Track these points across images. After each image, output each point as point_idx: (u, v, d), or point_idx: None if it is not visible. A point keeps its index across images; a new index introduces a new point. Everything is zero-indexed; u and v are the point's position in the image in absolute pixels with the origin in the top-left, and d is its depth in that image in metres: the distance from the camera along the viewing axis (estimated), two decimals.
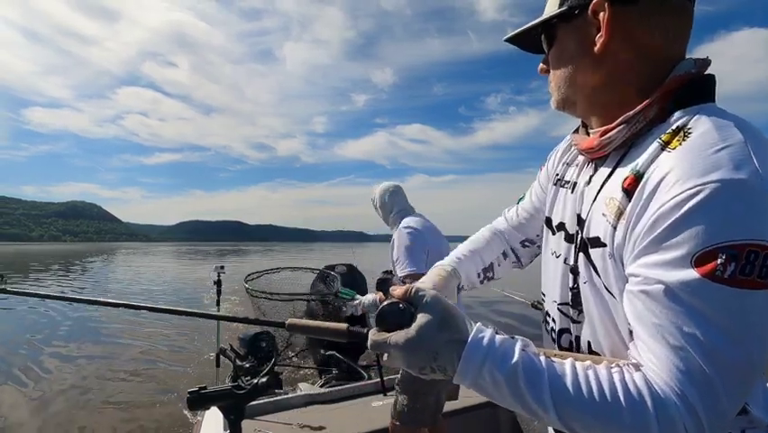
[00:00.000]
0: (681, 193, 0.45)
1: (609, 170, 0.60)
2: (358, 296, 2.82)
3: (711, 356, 0.42)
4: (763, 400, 0.56)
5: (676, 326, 0.44)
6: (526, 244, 0.92)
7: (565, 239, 0.69)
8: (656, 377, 0.45)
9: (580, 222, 0.64)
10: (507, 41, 0.71)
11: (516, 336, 0.52)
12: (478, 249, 0.92)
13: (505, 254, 0.94)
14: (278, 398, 2.43)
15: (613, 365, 0.49)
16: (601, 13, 0.57)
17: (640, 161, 0.54)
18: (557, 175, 0.75)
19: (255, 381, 0.93)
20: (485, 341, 0.50)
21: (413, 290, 0.55)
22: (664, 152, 0.51)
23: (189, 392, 0.90)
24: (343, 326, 0.68)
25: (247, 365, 1.02)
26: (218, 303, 2.93)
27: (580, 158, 0.70)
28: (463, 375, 0.50)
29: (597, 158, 0.64)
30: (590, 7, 0.57)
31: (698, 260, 0.43)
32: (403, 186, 2.39)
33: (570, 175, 0.71)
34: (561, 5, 0.61)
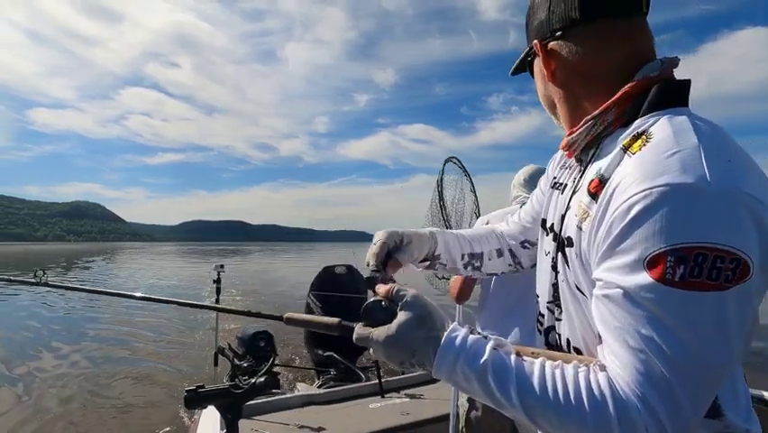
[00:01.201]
0: (630, 197, 0.46)
1: (583, 170, 0.64)
2: None
3: (669, 359, 0.43)
4: (742, 405, 0.56)
5: (635, 328, 0.45)
6: (526, 245, 0.93)
7: (552, 238, 0.71)
8: (619, 378, 0.46)
9: (562, 221, 0.67)
10: (512, 74, 0.81)
11: (490, 336, 0.54)
12: (468, 236, 0.95)
13: (499, 252, 0.95)
14: (276, 398, 2.42)
15: (581, 365, 0.50)
16: (540, 53, 0.66)
17: (604, 164, 0.56)
18: (554, 178, 0.78)
19: (253, 380, 0.93)
20: (458, 340, 0.53)
21: (395, 289, 0.59)
22: (626, 157, 0.53)
23: (187, 391, 0.89)
24: (336, 320, 0.72)
25: (245, 365, 1.02)
26: (217, 301, 2.94)
27: (573, 161, 0.73)
28: (438, 370, 0.53)
29: (578, 159, 0.69)
30: (533, 48, 0.68)
31: (649, 263, 0.44)
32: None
33: (563, 177, 0.74)
34: (528, 44, 0.72)
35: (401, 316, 0.56)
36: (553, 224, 0.72)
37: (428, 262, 0.89)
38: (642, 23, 0.62)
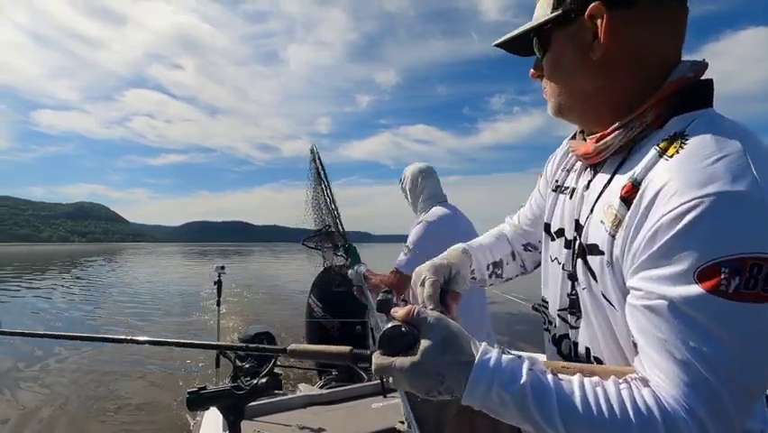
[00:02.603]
0: (679, 206, 0.44)
1: (608, 176, 0.59)
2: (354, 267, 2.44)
3: (718, 370, 0.42)
4: (758, 407, 0.55)
5: (682, 341, 0.44)
6: (529, 248, 0.93)
7: (564, 245, 0.68)
8: (664, 392, 0.45)
9: (579, 228, 0.63)
10: (497, 45, 0.70)
11: (523, 355, 0.51)
12: (488, 244, 0.92)
13: (513, 255, 0.94)
14: (278, 399, 2.42)
15: (621, 381, 0.48)
16: (599, 19, 0.55)
17: (638, 168, 0.53)
18: (556, 181, 0.75)
19: (255, 381, 0.93)
20: (492, 362, 0.49)
21: (415, 311, 0.54)
22: (662, 160, 0.50)
23: (188, 393, 0.89)
24: (346, 349, 0.67)
25: (247, 366, 1.02)
26: (218, 303, 2.93)
27: (579, 163, 0.70)
28: (471, 397, 0.49)
29: (594, 163, 0.64)
30: (587, 12, 0.56)
31: (701, 274, 0.43)
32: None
33: (569, 181, 0.70)
34: (554, 9, 0.60)
35: (425, 342, 0.52)
36: (562, 229, 0.70)
37: (470, 279, 0.84)
38: (686, 17, 0.57)
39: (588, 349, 0.64)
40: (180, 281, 17.05)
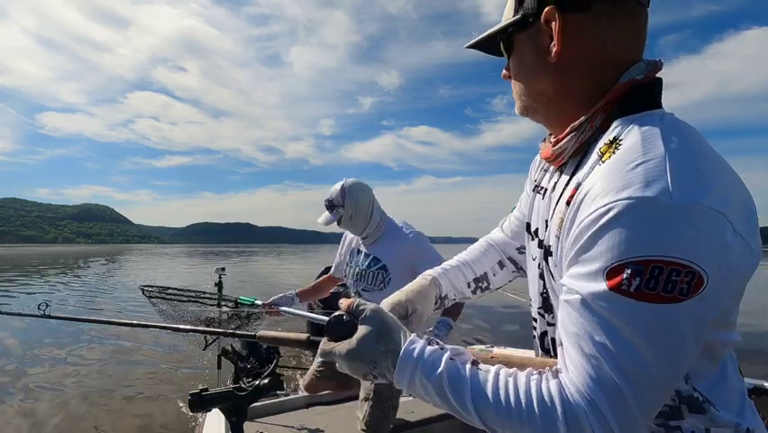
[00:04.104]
0: (597, 209, 0.47)
1: (568, 177, 0.60)
2: (258, 301, 2.32)
3: (620, 366, 0.45)
4: (735, 399, 0.56)
5: (589, 335, 0.47)
6: (522, 251, 0.92)
7: (537, 245, 0.69)
8: (571, 384, 0.48)
9: (546, 228, 0.65)
10: (469, 47, 0.71)
11: (447, 346, 0.56)
12: (469, 260, 0.93)
13: (501, 264, 0.94)
14: (280, 399, 2.43)
15: (535, 373, 0.51)
16: (553, 22, 0.56)
17: (582, 172, 0.55)
18: (535, 181, 0.75)
19: (257, 382, 0.93)
20: (416, 352, 0.54)
21: (355, 304, 0.60)
22: (597, 165, 0.52)
23: (191, 394, 0.90)
24: (304, 336, 0.76)
25: (248, 367, 1.02)
26: (219, 305, 2.95)
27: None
28: (399, 383, 0.55)
29: (560, 164, 0.65)
30: (542, 16, 0.57)
31: (608, 273, 0.45)
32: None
33: (544, 181, 0.71)
34: (515, 13, 0.61)
35: (361, 330, 0.57)
36: (537, 229, 0.71)
37: (438, 304, 0.87)
38: (646, 18, 0.57)
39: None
40: (181, 282, 17.10)
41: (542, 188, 0.71)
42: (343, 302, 0.62)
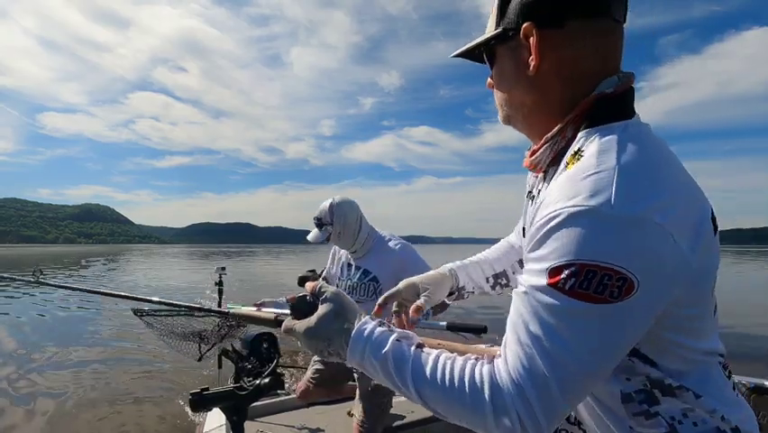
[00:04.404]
0: (548, 214, 0.51)
1: (548, 185, 0.63)
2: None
3: (549, 356, 0.48)
4: (709, 385, 0.58)
5: (526, 325, 0.51)
6: None
7: None
8: (502, 368, 0.51)
9: None
10: (455, 56, 0.73)
11: (396, 329, 0.60)
12: (490, 257, 0.99)
13: (521, 263, 0.97)
14: (281, 399, 2.43)
15: (472, 357, 0.55)
16: (531, 38, 0.59)
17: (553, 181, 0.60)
18: (529, 186, 0.78)
19: (257, 382, 0.93)
20: (366, 332, 0.58)
21: (318, 286, 0.65)
22: (562, 174, 0.56)
23: (191, 394, 0.90)
24: (272, 315, 0.83)
25: (249, 366, 1.03)
26: (219, 304, 2.96)
27: None
28: (351, 360, 0.59)
29: (544, 171, 0.68)
30: (521, 31, 0.60)
31: (550, 272, 0.49)
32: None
33: (536, 187, 0.73)
34: (497, 26, 0.64)
35: (320, 309, 0.62)
36: None
37: (455, 295, 0.94)
38: (622, 33, 0.61)
39: None
40: (183, 282, 17.11)
41: (533, 194, 0.74)
42: (308, 284, 0.67)
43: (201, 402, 0.90)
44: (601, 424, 0.62)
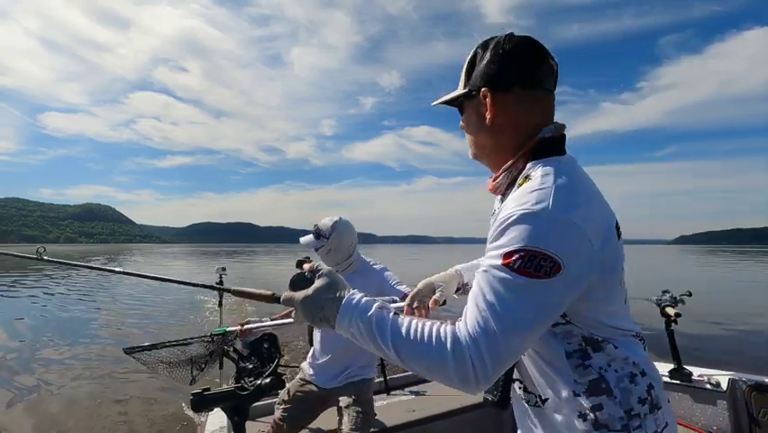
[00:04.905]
0: (506, 214, 0.70)
1: (502, 204, 0.81)
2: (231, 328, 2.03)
3: (499, 317, 0.65)
4: (624, 340, 0.77)
5: (483, 294, 0.67)
6: None
7: None
8: (462, 327, 0.67)
9: None
10: (436, 104, 0.94)
11: (377, 299, 0.75)
12: None
13: None
14: None
15: (440, 323, 0.69)
16: (487, 98, 0.81)
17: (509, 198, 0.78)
18: (493, 210, 0.93)
19: (258, 382, 0.93)
20: (354, 300, 0.72)
21: (315, 265, 0.78)
22: (516, 190, 0.76)
23: (192, 394, 0.90)
24: (269, 292, 0.91)
25: (250, 366, 1.03)
26: (220, 304, 2.96)
27: None
28: (340, 325, 0.72)
29: (501, 193, 0.88)
30: (480, 93, 0.82)
31: (504, 255, 0.67)
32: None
33: (497, 207, 0.89)
34: (465, 86, 0.86)
35: (317, 282, 0.75)
36: None
37: (461, 291, 1.12)
38: (553, 98, 0.85)
39: None
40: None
41: (495, 212, 0.90)
42: (306, 265, 0.80)
43: (202, 403, 0.90)
44: (550, 380, 0.79)
